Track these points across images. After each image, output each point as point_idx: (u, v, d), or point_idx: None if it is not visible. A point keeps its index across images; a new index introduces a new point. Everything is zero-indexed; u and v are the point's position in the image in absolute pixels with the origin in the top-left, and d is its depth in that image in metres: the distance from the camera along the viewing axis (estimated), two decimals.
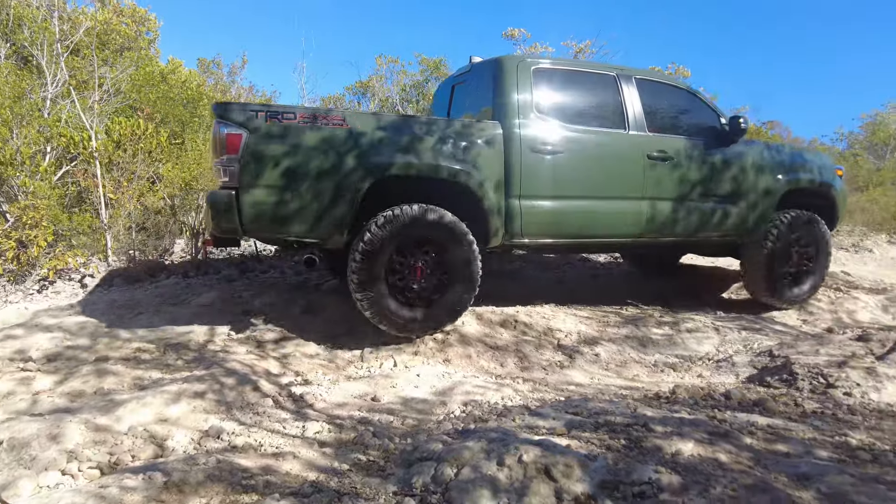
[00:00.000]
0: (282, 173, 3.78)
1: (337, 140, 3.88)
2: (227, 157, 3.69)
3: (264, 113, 3.81)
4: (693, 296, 5.82)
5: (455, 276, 4.14)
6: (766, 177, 5.07)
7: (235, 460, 2.43)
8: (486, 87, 4.59)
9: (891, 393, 3.24)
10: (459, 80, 5.26)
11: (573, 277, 6.92)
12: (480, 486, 2.01)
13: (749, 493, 2.02)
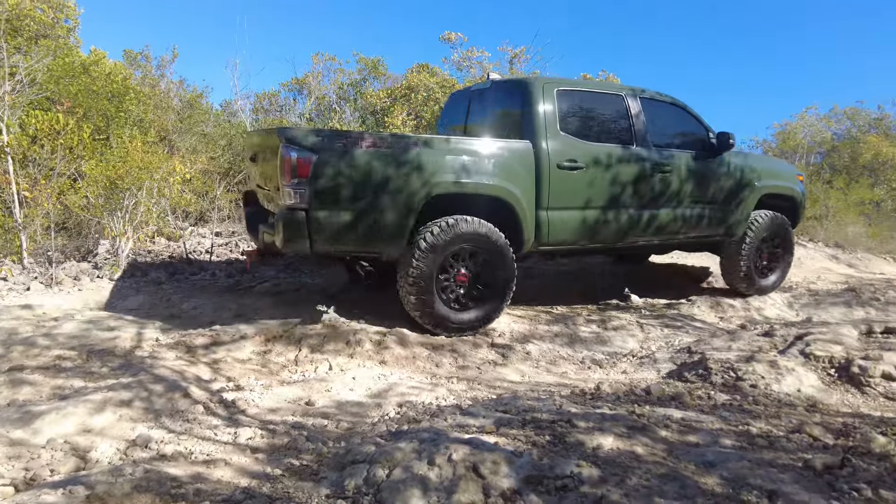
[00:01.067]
0: (347, 194, 4.09)
1: (397, 162, 4.21)
2: (297, 181, 3.95)
3: (332, 138, 4.13)
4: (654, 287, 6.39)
5: (494, 281, 4.58)
6: (747, 183, 5.75)
7: (164, 469, 2.39)
8: (512, 104, 5.02)
9: (789, 383, 3.54)
10: (477, 93, 5.60)
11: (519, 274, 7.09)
12: (411, 485, 2.07)
13: (661, 482, 2.18)
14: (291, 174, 3.94)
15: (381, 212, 4.19)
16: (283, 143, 3.98)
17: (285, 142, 3.99)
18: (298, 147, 3.97)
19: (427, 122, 10.11)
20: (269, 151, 4.42)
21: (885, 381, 3.50)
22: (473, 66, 11.33)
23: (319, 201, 4.02)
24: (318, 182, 4.00)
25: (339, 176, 4.06)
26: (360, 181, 4.12)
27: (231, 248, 7.59)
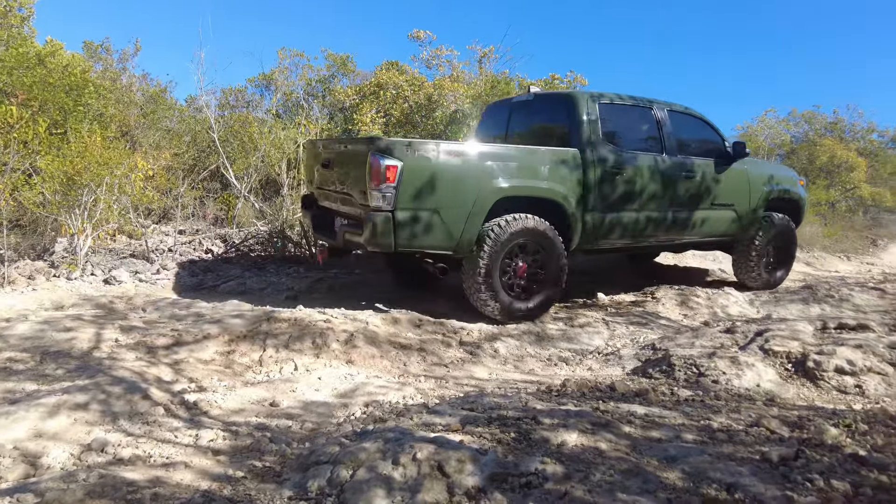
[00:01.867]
0: (428, 197, 4.53)
1: (469, 168, 4.69)
2: (385, 185, 4.37)
3: (415, 147, 4.54)
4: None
5: (549, 274, 5.08)
6: (758, 188, 6.36)
7: (121, 474, 2.32)
8: (558, 115, 5.51)
9: (749, 379, 3.63)
10: (518, 105, 6.07)
11: None
12: (375, 485, 2.05)
13: (624, 477, 2.21)
14: (380, 179, 4.36)
15: (456, 213, 4.63)
16: (372, 152, 4.40)
17: (375, 150, 4.41)
18: (386, 155, 4.39)
19: (396, 119, 10.06)
20: (351, 158, 4.83)
21: (838, 374, 3.62)
22: (442, 64, 11.33)
23: (403, 204, 4.45)
24: (403, 186, 4.42)
25: (421, 181, 4.49)
26: (438, 185, 4.55)
27: (194, 247, 7.42)
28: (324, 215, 5.51)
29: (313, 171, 5.68)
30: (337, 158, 5.17)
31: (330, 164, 5.23)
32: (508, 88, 9.87)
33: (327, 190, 5.36)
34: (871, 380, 3.57)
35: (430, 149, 4.59)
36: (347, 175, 4.90)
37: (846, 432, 2.68)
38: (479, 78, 11.26)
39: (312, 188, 5.79)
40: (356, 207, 4.75)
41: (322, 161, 5.37)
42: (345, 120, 11.43)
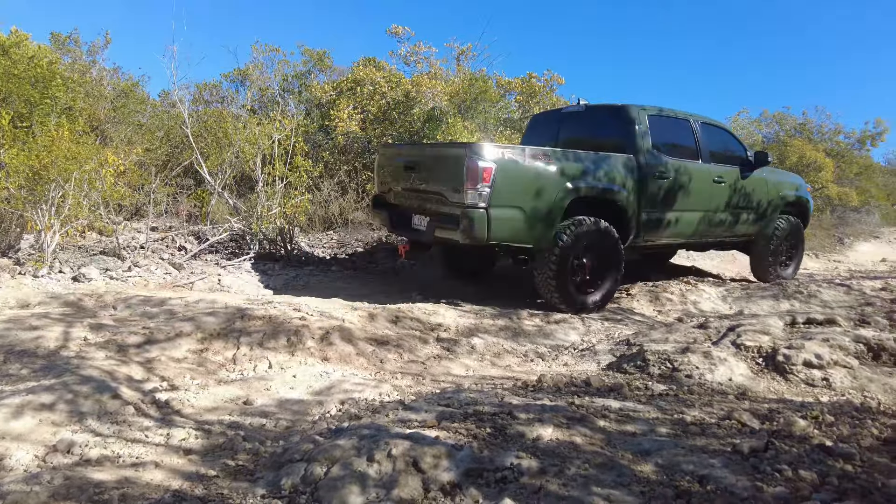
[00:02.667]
0: (517, 196, 4.97)
1: (549, 171, 5.12)
2: (481, 185, 4.80)
3: (506, 150, 5.00)
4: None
5: (610, 270, 5.53)
6: (775, 193, 7.02)
7: (88, 475, 2.26)
8: (612, 125, 6.00)
9: (722, 373, 3.69)
10: (568, 115, 6.60)
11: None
12: (350, 482, 2.03)
13: (599, 471, 2.22)
14: (476, 179, 4.80)
15: (539, 210, 5.07)
16: (470, 155, 4.83)
17: (472, 153, 4.84)
18: (482, 158, 4.81)
19: (373, 115, 10.00)
20: (444, 161, 5.30)
21: (806, 368, 3.70)
22: (420, 60, 11.29)
23: (496, 202, 4.87)
24: (496, 186, 4.84)
25: (511, 181, 4.93)
26: (525, 186, 5.01)
27: (167, 244, 7.29)
28: (400, 214, 5.87)
29: (388, 174, 6.09)
30: (425, 161, 5.59)
31: (416, 166, 5.61)
32: (486, 86, 9.88)
33: (408, 190, 5.75)
34: (838, 373, 3.65)
35: (518, 153, 5.07)
36: (438, 176, 5.33)
37: (814, 424, 2.74)
38: (456, 75, 11.25)
39: (385, 189, 6.16)
40: (448, 206, 5.14)
41: (405, 164, 5.75)
42: (321, 116, 11.32)
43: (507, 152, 5.00)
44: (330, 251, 7.83)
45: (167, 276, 6.02)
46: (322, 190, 9.05)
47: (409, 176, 5.65)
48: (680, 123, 6.31)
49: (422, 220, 5.49)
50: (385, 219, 6.16)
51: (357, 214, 8.91)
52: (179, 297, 5.10)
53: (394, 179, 5.97)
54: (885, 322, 4.59)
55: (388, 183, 6.10)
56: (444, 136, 8.74)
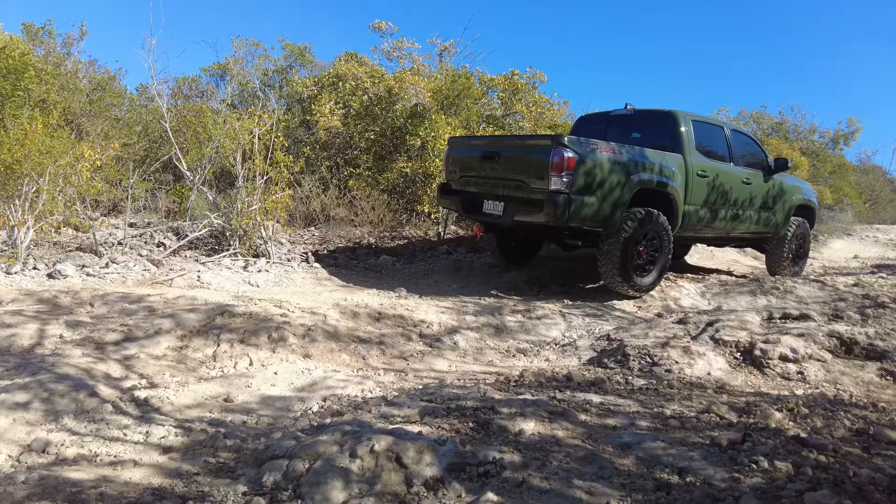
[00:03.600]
0: (593, 184, 5.43)
1: (620, 164, 5.61)
2: (565, 173, 5.28)
3: (586, 143, 5.46)
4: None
5: (660, 256, 6.03)
6: (790, 196, 7.61)
7: (64, 474, 2.22)
8: (660, 128, 6.52)
9: (701, 367, 3.75)
10: (616, 118, 7.07)
11: (439, 268, 7.14)
12: (332, 478, 2.03)
13: (580, 464, 2.25)
14: (561, 168, 5.26)
15: (610, 198, 5.55)
16: (556, 146, 5.31)
17: (558, 145, 5.31)
18: (567, 148, 5.28)
19: (356, 111, 9.94)
20: (529, 152, 5.75)
21: (782, 362, 3.77)
22: (403, 56, 11.23)
23: (576, 188, 5.33)
24: (577, 175, 5.32)
25: (589, 171, 5.39)
26: (600, 175, 5.46)
27: (146, 240, 7.18)
28: (471, 199, 6.33)
29: (459, 164, 6.54)
30: (505, 152, 6.02)
31: (494, 156, 6.02)
32: (469, 83, 9.86)
33: (481, 178, 6.22)
34: (812, 366, 3.74)
35: (595, 146, 5.52)
36: (519, 165, 5.79)
37: (789, 416, 2.80)
38: (439, 72, 11.22)
39: (455, 177, 6.60)
40: (529, 191, 5.60)
41: (482, 154, 6.21)
42: (303, 111, 11.21)
43: (587, 145, 5.48)
44: (312, 247, 7.77)
45: (146, 273, 5.93)
46: (303, 186, 8.97)
47: (486, 165, 6.13)
48: (715, 129, 6.98)
49: (495, 204, 5.97)
50: (456, 204, 6.62)
51: (339, 210, 8.86)
52: (159, 293, 5.03)
53: (467, 168, 6.44)
54: (857, 317, 4.70)
55: (458, 171, 6.54)
56: (426, 133, 8.72)
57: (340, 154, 10.17)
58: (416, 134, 9.01)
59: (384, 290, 5.98)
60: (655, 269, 6.07)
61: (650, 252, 5.99)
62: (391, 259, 7.47)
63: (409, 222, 9.22)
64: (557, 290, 6.42)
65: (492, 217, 6.06)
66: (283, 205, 7.04)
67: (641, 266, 5.94)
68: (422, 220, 9.00)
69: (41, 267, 5.64)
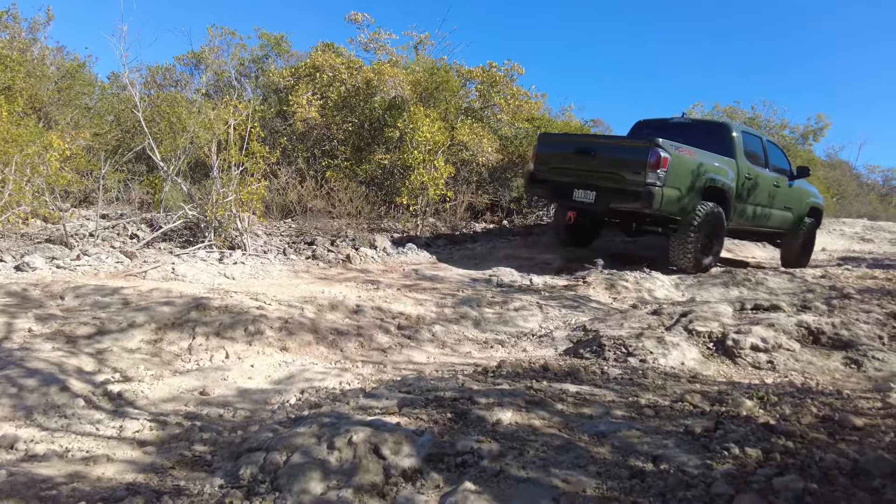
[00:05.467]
0: (677, 179, 6.58)
1: (696, 164, 6.81)
2: (660, 170, 6.40)
3: (676, 147, 6.60)
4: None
5: (717, 241, 7.31)
6: (805, 199, 8.89)
7: (34, 470, 2.18)
8: (716, 135, 7.67)
9: (675, 357, 3.82)
10: (674, 125, 8.12)
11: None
12: (310, 469, 2.02)
13: (557, 453, 2.28)
14: (657, 165, 6.39)
15: (690, 192, 6.72)
16: (653, 147, 6.43)
17: (655, 146, 6.42)
18: (662, 149, 6.41)
19: (333, 103, 9.84)
20: (627, 150, 6.91)
21: (753, 352, 3.86)
22: (380, 48, 11.15)
23: (667, 182, 6.45)
24: (668, 171, 6.43)
25: (676, 168, 6.52)
26: (683, 172, 6.63)
27: (118, 232, 7.03)
28: (560, 188, 7.32)
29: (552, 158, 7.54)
30: (602, 149, 7.14)
31: (590, 152, 7.08)
32: (447, 76, 9.84)
33: (574, 170, 7.20)
34: (782, 356, 3.83)
35: (681, 148, 6.65)
36: (617, 161, 6.85)
37: (759, 404, 2.87)
38: (416, 63, 11.16)
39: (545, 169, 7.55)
40: (623, 184, 6.65)
41: (577, 150, 7.27)
42: (279, 101, 11.07)
43: (676, 147, 6.60)
44: (288, 239, 7.70)
45: (119, 265, 5.81)
46: (280, 177, 8.87)
47: (579, 159, 7.13)
48: (755, 139, 8.18)
49: (586, 193, 6.99)
50: (547, 192, 7.78)
51: (316, 202, 8.78)
52: (132, 286, 4.94)
53: (558, 161, 7.44)
54: (824, 307, 4.82)
55: (549, 164, 7.52)
56: (405, 125, 8.68)
57: (318, 145, 10.08)
58: (394, 126, 8.97)
59: (361, 282, 5.95)
60: (712, 252, 7.27)
61: (710, 238, 7.14)
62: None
63: (387, 214, 9.19)
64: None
65: (582, 204, 7.10)
66: (258, 196, 6.96)
67: (703, 249, 7.08)
68: (400, 213, 8.97)
69: (8, 259, 5.50)
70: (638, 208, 6.62)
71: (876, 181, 24.74)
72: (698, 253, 6.97)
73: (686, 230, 6.86)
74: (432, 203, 8.93)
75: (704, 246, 7.08)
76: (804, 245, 9.10)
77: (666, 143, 6.50)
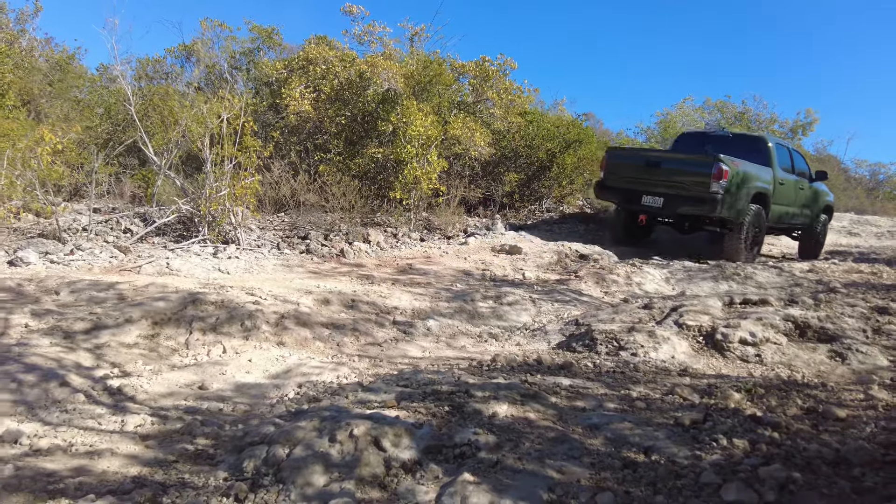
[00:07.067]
0: (734, 187, 7.73)
1: (750, 174, 8.01)
2: (722, 180, 7.54)
3: (734, 162, 7.77)
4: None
5: (759, 236, 8.51)
6: (821, 199, 10.17)
7: (39, 465, 2.22)
8: (754, 148, 8.78)
9: (665, 351, 3.90)
10: (715, 137, 9.37)
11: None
12: (313, 462, 2.08)
13: (552, 445, 2.35)
14: (720, 177, 7.56)
15: (743, 198, 7.89)
16: (716, 161, 7.61)
17: (718, 161, 7.60)
18: (724, 163, 7.58)
19: (326, 95, 9.83)
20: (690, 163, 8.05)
21: (742, 345, 3.95)
22: (374, 41, 11.13)
23: (726, 190, 7.61)
24: (728, 181, 7.61)
25: (734, 179, 7.71)
26: (739, 182, 7.80)
27: (111, 226, 7.02)
28: (629, 194, 8.47)
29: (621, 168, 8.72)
30: (670, 162, 8.39)
31: (659, 164, 8.36)
32: (441, 69, 9.84)
33: (643, 179, 8.36)
34: (769, 349, 3.92)
35: (737, 162, 7.84)
36: (684, 172, 8.02)
37: (747, 397, 2.95)
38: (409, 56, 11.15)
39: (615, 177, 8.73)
40: (690, 191, 7.85)
41: (647, 162, 8.49)
42: (271, 94, 11.03)
43: (733, 161, 7.76)
44: (281, 233, 7.72)
45: (113, 260, 5.82)
46: (273, 171, 8.86)
47: (648, 170, 8.33)
48: (784, 149, 9.36)
49: (654, 199, 8.17)
50: (617, 197, 8.79)
51: (309, 196, 8.78)
52: (127, 281, 4.96)
53: (627, 171, 8.61)
54: (811, 302, 4.92)
55: (618, 173, 8.69)
56: (398, 119, 8.69)
57: (310, 139, 10.07)
58: (387, 119, 8.97)
59: (356, 277, 5.99)
60: (757, 247, 8.54)
61: (756, 235, 8.36)
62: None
63: (380, 208, 9.21)
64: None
65: (650, 208, 8.28)
66: (252, 190, 6.97)
67: (751, 244, 8.28)
68: (393, 207, 9.00)
69: (1, 254, 5.49)
70: (704, 212, 7.81)
71: (863, 175, 25.00)
72: (747, 247, 8.16)
73: (740, 229, 8.05)
74: (425, 197, 8.96)
75: (752, 241, 8.31)
76: (819, 238, 10.31)
77: (726, 157, 7.70)
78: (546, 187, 11.10)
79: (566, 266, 7.21)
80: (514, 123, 10.63)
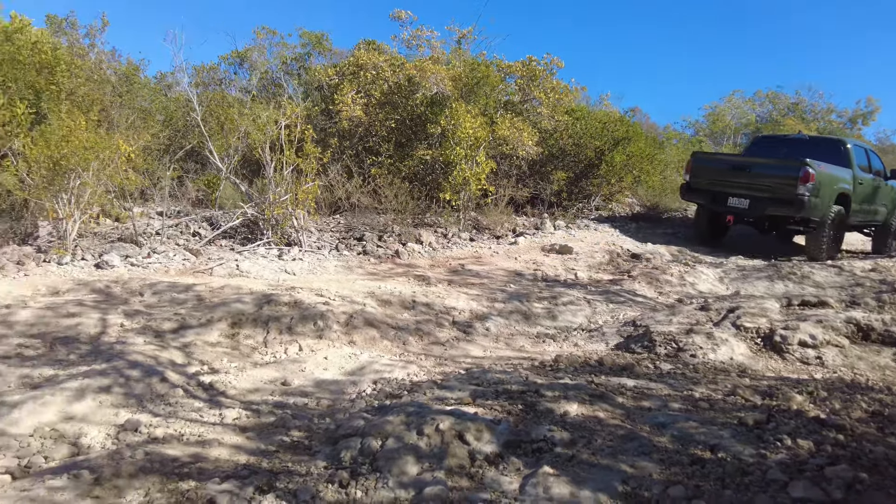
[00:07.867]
0: (819, 189, 8.10)
1: (831, 177, 8.43)
2: (809, 183, 7.96)
3: (818, 164, 8.17)
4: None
5: (840, 234, 8.96)
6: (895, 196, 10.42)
7: (162, 451, 2.50)
8: (832, 150, 9.18)
9: (723, 353, 3.97)
10: (792, 141, 9.98)
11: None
12: (405, 453, 2.29)
13: (622, 442, 2.50)
14: (807, 179, 7.97)
15: (827, 200, 8.31)
16: (804, 165, 8.00)
17: (804, 165, 7.99)
18: (810, 167, 7.95)
19: (377, 100, 10.10)
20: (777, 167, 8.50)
21: (801, 347, 3.99)
22: (422, 44, 11.35)
23: (813, 193, 8.02)
24: (814, 183, 8.00)
25: (819, 181, 8.07)
26: (824, 184, 8.18)
27: (181, 230, 7.45)
28: (716, 195, 8.95)
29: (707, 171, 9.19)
30: (758, 167, 8.73)
31: (746, 168, 8.78)
32: (488, 71, 10.00)
33: (729, 182, 8.82)
34: (830, 352, 3.95)
35: (822, 166, 8.23)
36: (772, 175, 8.46)
37: (809, 399, 3.02)
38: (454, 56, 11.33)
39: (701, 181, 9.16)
40: (777, 194, 8.25)
41: (733, 166, 9.04)
42: (322, 99, 11.39)
43: (819, 165, 8.15)
44: (338, 235, 8.03)
45: (186, 263, 6.21)
46: (329, 174, 9.19)
47: (734, 173, 8.81)
48: (861, 150, 9.75)
49: (740, 200, 8.63)
50: (703, 199, 9.21)
51: (363, 198, 9.08)
52: (203, 283, 5.31)
53: (713, 174, 9.08)
54: (874, 303, 4.89)
55: (705, 177, 9.14)
56: (447, 121, 8.89)
57: (362, 142, 10.37)
58: (436, 122, 9.18)
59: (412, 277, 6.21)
60: (838, 245, 8.93)
61: (837, 234, 8.80)
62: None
63: (429, 209, 9.43)
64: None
65: (736, 209, 8.71)
66: (313, 195, 7.28)
67: (833, 243, 8.68)
68: (441, 208, 9.21)
69: (88, 258, 5.93)
70: (791, 213, 8.23)
71: None
72: (829, 246, 8.55)
73: (822, 228, 8.46)
74: (474, 198, 9.13)
75: (833, 240, 8.72)
76: (892, 234, 10.63)
77: (812, 161, 8.11)
78: (595, 185, 11.11)
79: (618, 266, 7.27)
80: (562, 122, 10.69)
